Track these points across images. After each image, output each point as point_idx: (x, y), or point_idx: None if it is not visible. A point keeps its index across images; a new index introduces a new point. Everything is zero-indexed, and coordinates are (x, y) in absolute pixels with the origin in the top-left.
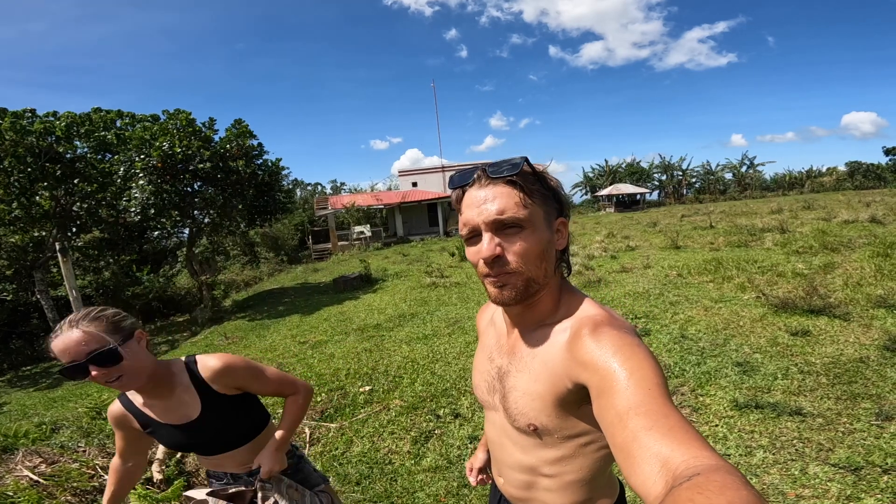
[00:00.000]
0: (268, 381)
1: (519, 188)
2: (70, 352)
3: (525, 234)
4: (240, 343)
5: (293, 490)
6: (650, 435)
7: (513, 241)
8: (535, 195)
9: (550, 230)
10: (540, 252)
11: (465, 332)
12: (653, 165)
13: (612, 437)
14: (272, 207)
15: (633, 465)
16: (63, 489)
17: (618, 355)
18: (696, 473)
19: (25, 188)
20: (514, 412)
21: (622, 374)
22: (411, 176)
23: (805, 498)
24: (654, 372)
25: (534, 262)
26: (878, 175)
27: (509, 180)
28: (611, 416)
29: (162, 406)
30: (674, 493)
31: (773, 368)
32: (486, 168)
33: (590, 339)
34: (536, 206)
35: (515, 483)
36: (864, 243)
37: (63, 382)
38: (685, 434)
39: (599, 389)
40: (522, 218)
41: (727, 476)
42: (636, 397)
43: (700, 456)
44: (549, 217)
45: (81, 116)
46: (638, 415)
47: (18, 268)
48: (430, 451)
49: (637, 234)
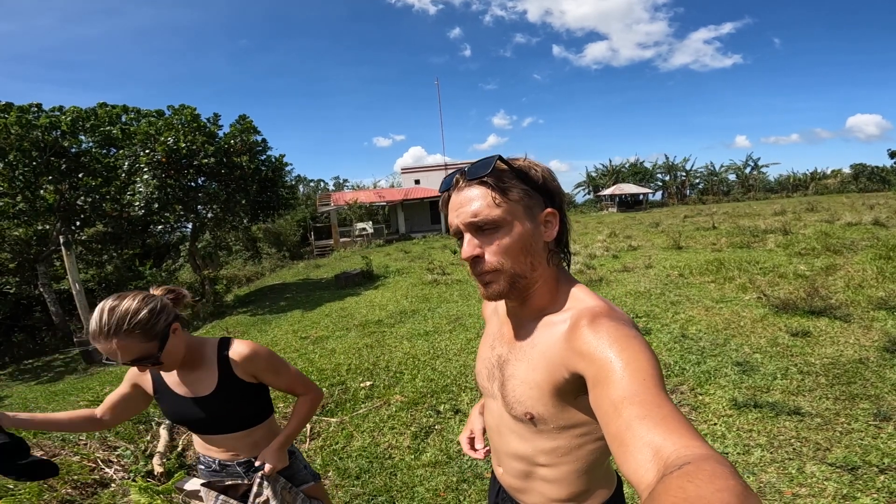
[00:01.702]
0: (284, 377)
1: (491, 188)
2: (110, 355)
3: (503, 232)
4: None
5: (286, 492)
6: (643, 424)
7: (491, 241)
8: (510, 192)
9: (535, 223)
10: (522, 248)
11: (466, 328)
12: (656, 166)
13: (607, 425)
14: (275, 203)
15: (625, 453)
16: (63, 482)
17: (614, 346)
18: (687, 462)
19: (30, 182)
20: (512, 400)
21: (618, 365)
22: (414, 173)
23: (801, 496)
24: (650, 363)
25: (516, 259)
26: (882, 178)
27: (482, 181)
28: (606, 405)
29: (181, 377)
30: (665, 481)
31: (772, 368)
32: (465, 170)
33: (588, 330)
34: (513, 202)
35: (513, 472)
36: (866, 245)
37: (64, 376)
38: (677, 424)
39: (596, 379)
40: (497, 218)
41: (717, 466)
42: (631, 387)
43: (691, 445)
44: (533, 210)
45: (87, 111)
46: (632, 404)
47: (22, 261)
48: (430, 446)
49: (639, 234)
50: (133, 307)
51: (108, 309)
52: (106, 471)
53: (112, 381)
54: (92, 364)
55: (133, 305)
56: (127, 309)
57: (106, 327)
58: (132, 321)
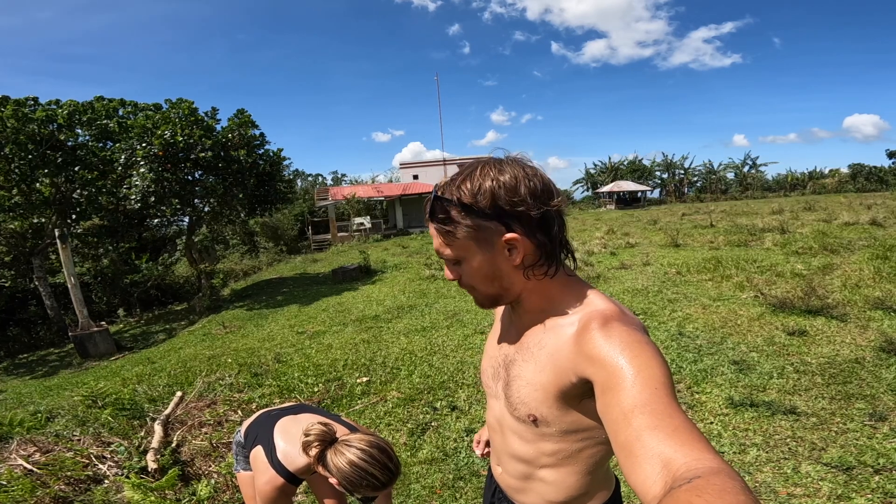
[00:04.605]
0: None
1: (437, 232)
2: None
3: (465, 264)
4: (238, 332)
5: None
6: (654, 435)
7: (461, 269)
8: (457, 230)
9: (492, 252)
10: (486, 276)
11: (464, 324)
12: (655, 163)
13: (615, 434)
14: (272, 197)
15: (634, 463)
16: (57, 478)
17: (626, 352)
18: (697, 476)
19: (26, 175)
20: (516, 401)
21: (629, 372)
22: (412, 169)
23: (796, 496)
24: (662, 371)
25: (484, 284)
26: (880, 178)
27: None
28: (615, 413)
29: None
30: (672, 495)
31: (768, 367)
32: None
33: (598, 334)
34: (462, 239)
35: (513, 473)
36: (863, 245)
37: (59, 371)
38: (689, 435)
39: (605, 385)
40: (452, 256)
41: (727, 480)
42: (642, 396)
43: (702, 458)
44: (487, 241)
45: (84, 105)
46: (643, 413)
47: (17, 254)
48: (427, 443)
49: (637, 232)
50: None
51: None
52: (100, 467)
53: (107, 377)
54: (87, 358)
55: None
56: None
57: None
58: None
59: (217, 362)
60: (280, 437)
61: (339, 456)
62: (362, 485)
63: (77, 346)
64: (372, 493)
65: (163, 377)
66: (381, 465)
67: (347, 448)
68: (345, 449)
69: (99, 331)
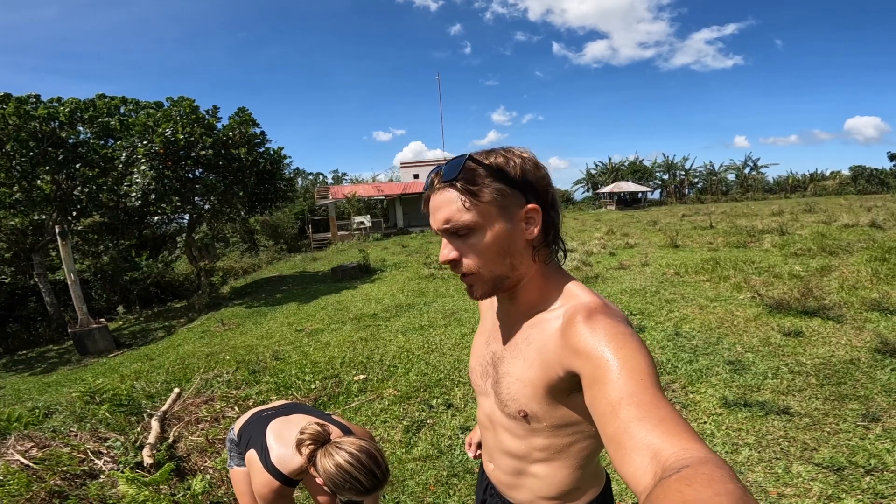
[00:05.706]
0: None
1: (461, 191)
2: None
3: (477, 235)
4: (236, 330)
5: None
6: (641, 426)
7: (467, 245)
8: (482, 193)
9: (512, 222)
10: (498, 250)
11: (461, 323)
12: (655, 164)
13: (604, 426)
14: (273, 195)
15: (623, 455)
16: (53, 473)
17: (611, 344)
18: (685, 465)
19: (27, 172)
20: (506, 398)
21: (615, 364)
22: (413, 168)
23: (787, 496)
24: (646, 361)
25: (493, 260)
26: (881, 180)
27: (453, 183)
28: (602, 405)
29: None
30: (662, 484)
31: (763, 368)
32: (441, 168)
33: (583, 327)
34: (486, 203)
35: (505, 469)
36: (862, 247)
37: (58, 367)
38: (676, 426)
39: (592, 378)
40: (468, 222)
41: (716, 469)
42: (628, 388)
43: (690, 448)
44: (510, 209)
45: (85, 102)
46: (630, 405)
47: (17, 251)
48: (422, 440)
49: (637, 232)
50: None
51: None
52: (95, 462)
53: (105, 373)
54: (85, 355)
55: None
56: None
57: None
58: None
59: (215, 359)
60: (273, 439)
61: (327, 458)
62: (346, 488)
63: (76, 342)
64: (356, 496)
65: (161, 374)
66: (368, 471)
67: (337, 451)
68: (335, 451)
69: (98, 328)
